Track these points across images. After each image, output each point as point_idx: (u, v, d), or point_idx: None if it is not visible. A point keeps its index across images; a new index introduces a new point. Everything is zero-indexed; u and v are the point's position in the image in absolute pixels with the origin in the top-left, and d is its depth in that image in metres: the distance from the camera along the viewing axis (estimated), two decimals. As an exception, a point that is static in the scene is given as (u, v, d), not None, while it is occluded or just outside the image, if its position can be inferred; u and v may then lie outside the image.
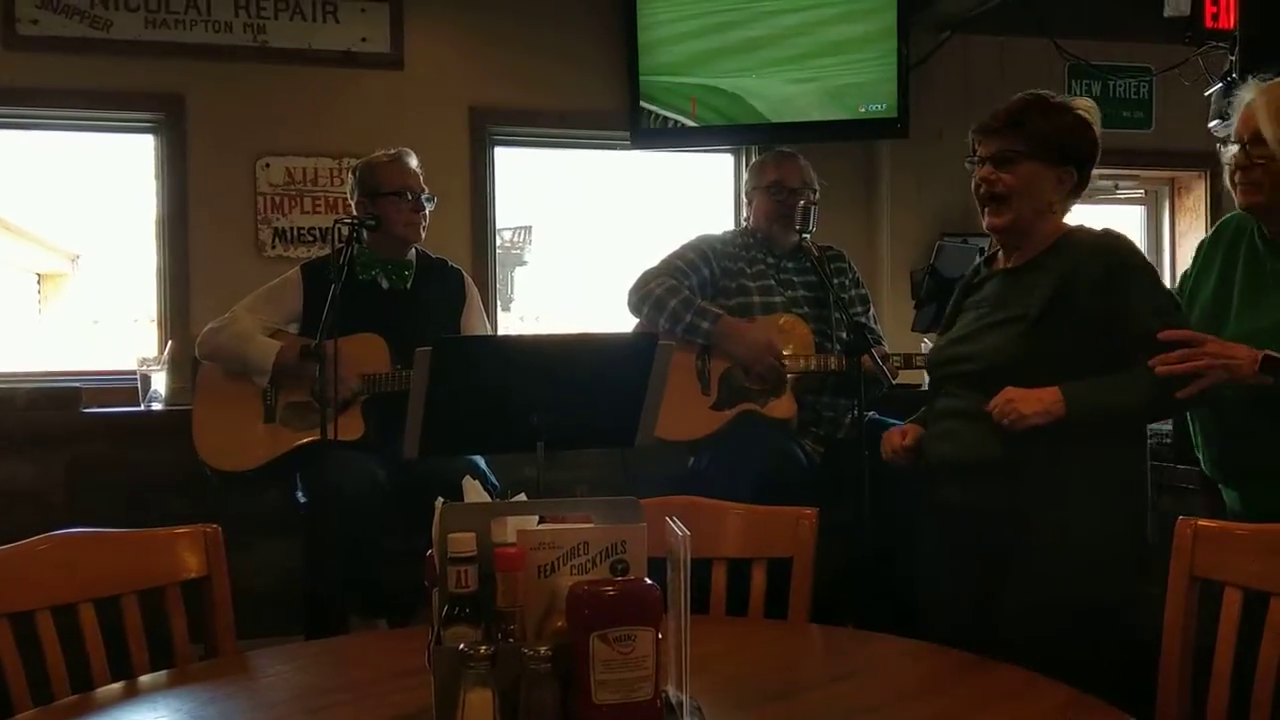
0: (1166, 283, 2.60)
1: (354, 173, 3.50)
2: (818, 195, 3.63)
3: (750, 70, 4.71)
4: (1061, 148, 2.35)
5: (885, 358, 3.51)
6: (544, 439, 2.50)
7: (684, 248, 3.64)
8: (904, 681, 1.62)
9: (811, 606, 2.61)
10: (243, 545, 2.61)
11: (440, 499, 1.44)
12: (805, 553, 2.06)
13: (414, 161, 3.46)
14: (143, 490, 3.62)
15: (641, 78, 4.74)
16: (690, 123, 4.75)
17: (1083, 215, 6.09)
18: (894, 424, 3.55)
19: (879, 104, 4.70)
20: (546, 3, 4.81)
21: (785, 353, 3.44)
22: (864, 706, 1.54)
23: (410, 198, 3.39)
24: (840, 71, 4.72)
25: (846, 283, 3.72)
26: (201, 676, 1.76)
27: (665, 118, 4.75)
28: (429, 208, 3.45)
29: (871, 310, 3.81)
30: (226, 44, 4.50)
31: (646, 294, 3.50)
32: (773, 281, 3.60)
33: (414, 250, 3.51)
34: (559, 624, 1.33)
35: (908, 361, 3.51)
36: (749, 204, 3.77)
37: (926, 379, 3.01)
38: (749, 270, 3.60)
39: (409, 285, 3.46)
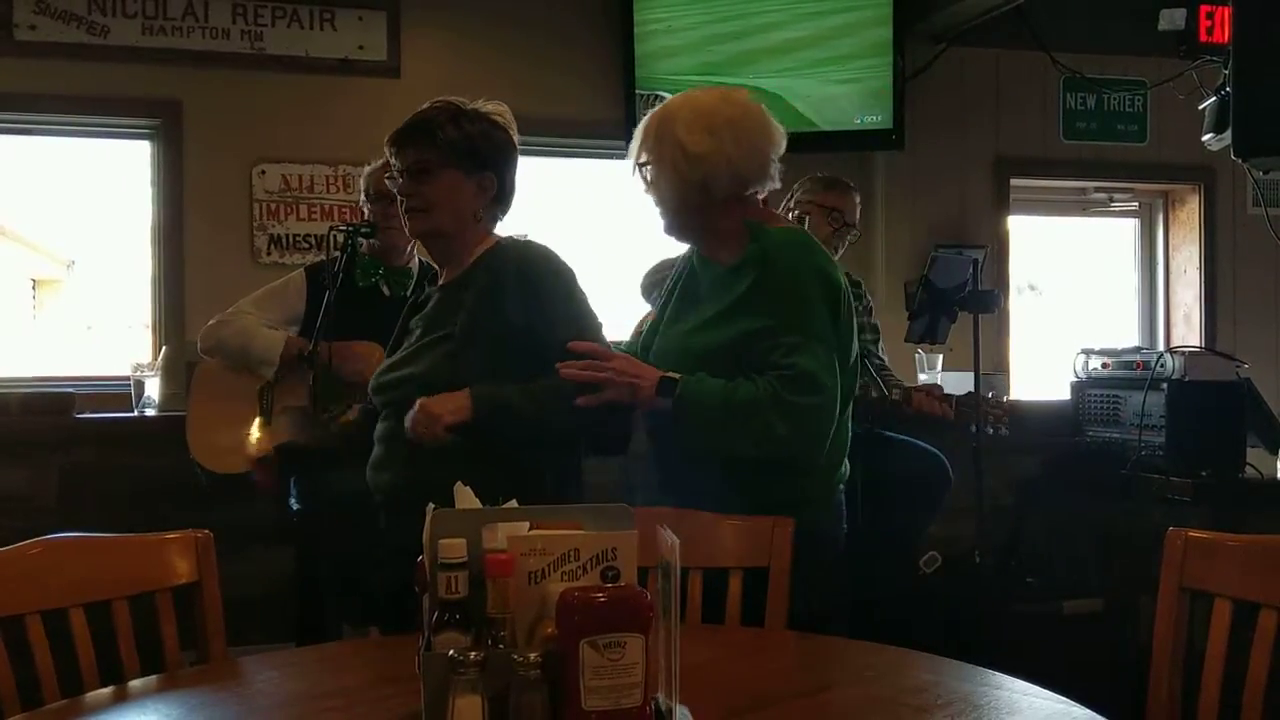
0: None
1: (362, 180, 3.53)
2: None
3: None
4: (476, 154, 2.32)
5: (889, 384, 3.54)
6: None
7: None
8: (891, 689, 1.61)
9: (804, 615, 2.60)
10: (234, 552, 2.60)
11: (431, 504, 1.45)
12: (782, 561, 2.05)
13: None
14: (135, 496, 3.61)
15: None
16: None
17: (1077, 227, 6.12)
18: (889, 436, 3.59)
19: (874, 115, 4.71)
20: (543, 12, 4.83)
21: None
22: (855, 714, 1.54)
23: (390, 202, 3.37)
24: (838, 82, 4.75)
25: (859, 308, 3.76)
26: (191, 682, 1.76)
27: None
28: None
29: (880, 340, 3.83)
30: (224, 51, 4.51)
31: (659, 281, 3.50)
32: None
33: (418, 260, 3.50)
34: (549, 630, 1.32)
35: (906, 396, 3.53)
36: (791, 212, 3.73)
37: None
38: None
39: (408, 293, 3.45)
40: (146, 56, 4.44)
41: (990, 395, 3.63)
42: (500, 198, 2.38)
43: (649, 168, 2.27)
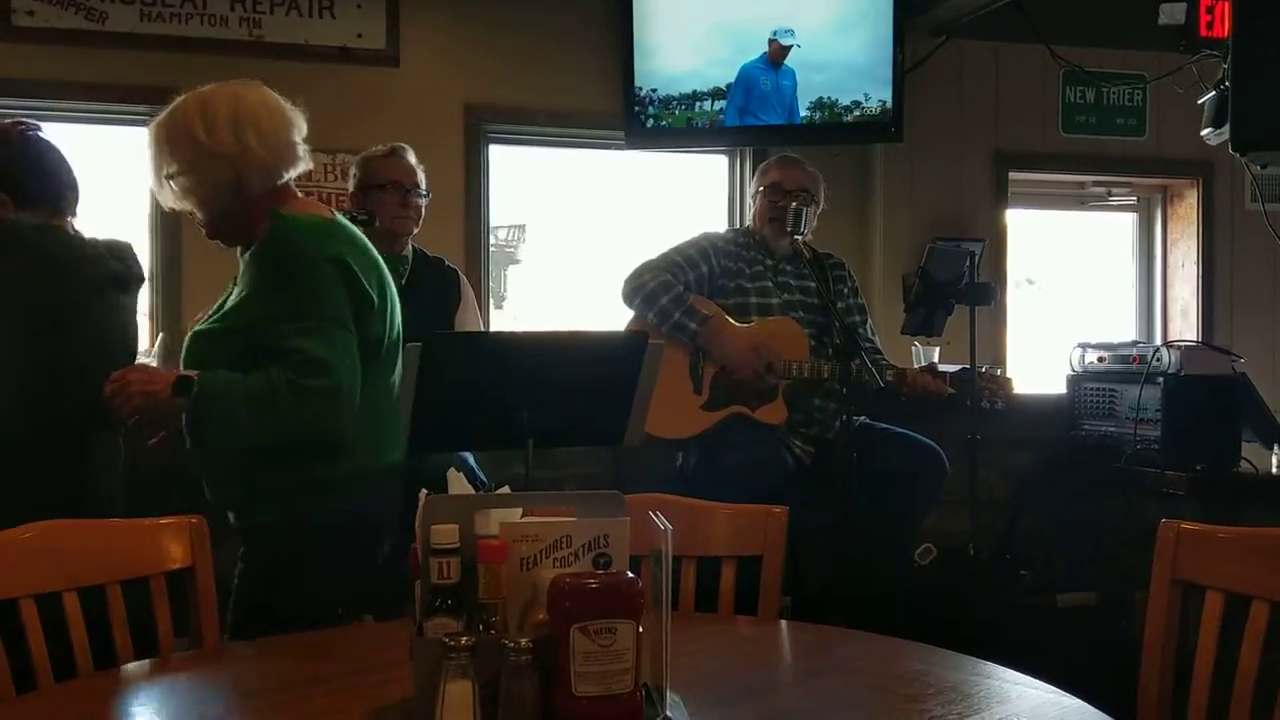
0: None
1: (354, 167, 3.52)
2: (817, 200, 3.65)
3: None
4: None
5: (881, 366, 3.53)
6: (533, 436, 2.50)
7: (685, 244, 3.63)
8: (883, 678, 1.62)
9: (798, 604, 2.61)
10: (229, 538, 2.60)
11: (424, 491, 1.45)
12: (775, 550, 2.06)
13: (410, 157, 3.45)
14: (130, 481, 3.61)
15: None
16: None
17: (1076, 221, 6.12)
18: (885, 428, 3.59)
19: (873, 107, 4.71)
20: (543, 2, 4.81)
21: (780, 357, 3.45)
22: (845, 702, 1.54)
23: (399, 191, 3.38)
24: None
25: (845, 290, 3.75)
26: (184, 666, 1.77)
27: None
28: (420, 202, 3.44)
29: (869, 321, 3.83)
30: (222, 38, 4.50)
31: (639, 286, 3.51)
32: (770, 284, 3.62)
33: (411, 248, 3.50)
34: (540, 616, 1.33)
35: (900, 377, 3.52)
36: (753, 206, 3.78)
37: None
38: (748, 271, 3.61)
39: (403, 281, 3.45)
40: (144, 43, 4.43)
41: (985, 369, 3.64)
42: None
43: (179, 179, 2.25)
